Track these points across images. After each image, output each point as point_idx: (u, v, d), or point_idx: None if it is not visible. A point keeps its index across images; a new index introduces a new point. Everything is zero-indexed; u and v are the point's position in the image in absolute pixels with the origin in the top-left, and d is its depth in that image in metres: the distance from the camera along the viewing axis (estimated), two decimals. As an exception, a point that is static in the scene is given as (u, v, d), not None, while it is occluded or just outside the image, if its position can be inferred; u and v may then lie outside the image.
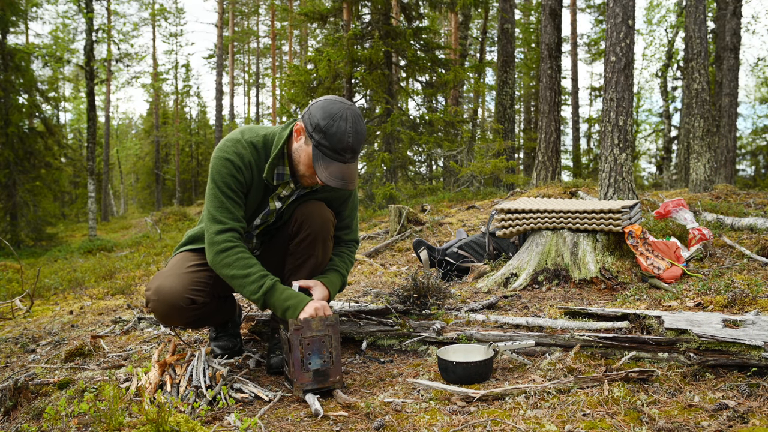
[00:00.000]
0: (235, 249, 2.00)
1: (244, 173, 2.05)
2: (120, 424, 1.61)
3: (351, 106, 1.97)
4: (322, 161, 1.94)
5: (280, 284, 2.01)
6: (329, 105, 1.95)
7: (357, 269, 4.90)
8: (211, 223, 2.03)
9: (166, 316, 2.10)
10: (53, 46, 19.59)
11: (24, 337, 3.32)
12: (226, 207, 2.02)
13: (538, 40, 20.93)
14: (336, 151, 1.93)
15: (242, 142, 2.07)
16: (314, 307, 1.97)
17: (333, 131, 1.91)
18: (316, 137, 1.93)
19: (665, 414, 1.62)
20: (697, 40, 7.46)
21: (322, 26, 12.71)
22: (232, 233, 2.01)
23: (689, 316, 2.15)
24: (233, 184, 2.03)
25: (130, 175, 38.38)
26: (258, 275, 1.98)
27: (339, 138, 1.91)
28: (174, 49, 33.17)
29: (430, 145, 10.87)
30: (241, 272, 1.98)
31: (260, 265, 2.03)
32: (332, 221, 2.23)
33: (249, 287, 1.98)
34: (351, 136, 1.93)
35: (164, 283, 2.07)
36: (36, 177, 15.02)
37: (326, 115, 1.92)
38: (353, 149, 1.95)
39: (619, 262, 3.21)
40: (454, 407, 1.78)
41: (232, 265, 1.99)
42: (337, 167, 1.95)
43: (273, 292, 1.98)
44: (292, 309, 1.96)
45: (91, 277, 6.57)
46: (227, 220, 2.02)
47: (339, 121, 1.91)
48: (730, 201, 5.87)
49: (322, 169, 1.94)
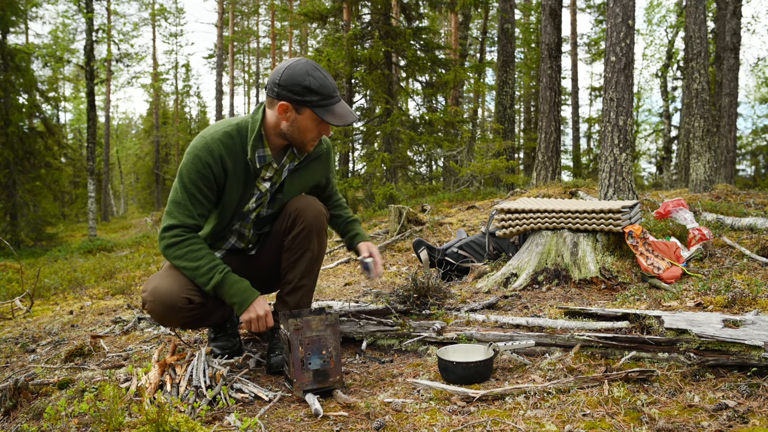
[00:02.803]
0: (185, 242, 2.07)
1: (213, 169, 2.09)
2: (120, 424, 1.61)
3: (303, 58, 2.10)
4: (326, 113, 2.06)
5: (230, 276, 2.08)
6: (293, 70, 2.04)
7: (357, 269, 4.90)
8: (165, 216, 2.12)
9: (163, 316, 2.11)
10: (53, 46, 19.60)
11: (24, 337, 3.32)
12: (183, 204, 2.08)
13: (538, 40, 20.91)
14: (329, 96, 2.05)
15: (213, 136, 2.11)
16: (256, 314, 2.07)
17: (318, 84, 2.03)
18: (309, 99, 2.03)
19: (665, 414, 1.62)
20: (697, 40, 7.46)
21: (322, 26, 12.71)
22: (181, 229, 2.08)
23: (689, 316, 2.15)
24: (199, 181, 2.08)
25: (130, 175, 38.38)
26: (207, 267, 2.06)
27: (325, 85, 2.04)
28: (174, 49, 33.17)
29: (430, 145, 10.86)
30: (191, 264, 2.06)
31: (210, 255, 2.09)
32: (325, 214, 2.28)
33: (199, 279, 2.06)
34: (328, 77, 2.07)
35: (160, 284, 2.09)
36: (36, 177, 15.02)
37: (303, 77, 2.02)
38: (336, 87, 2.09)
39: (619, 262, 3.21)
40: (454, 407, 1.78)
41: (183, 257, 2.06)
42: (338, 108, 2.08)
43: (222, 286, 2.06)
44: (237, 306, 2.08)
45: (91, 277, 6.57)
46: (180, 216, 2.08)
47: (314, 72, 2.04)
48: (730, 201, 5.87)
49: (330, 117, 2.06)
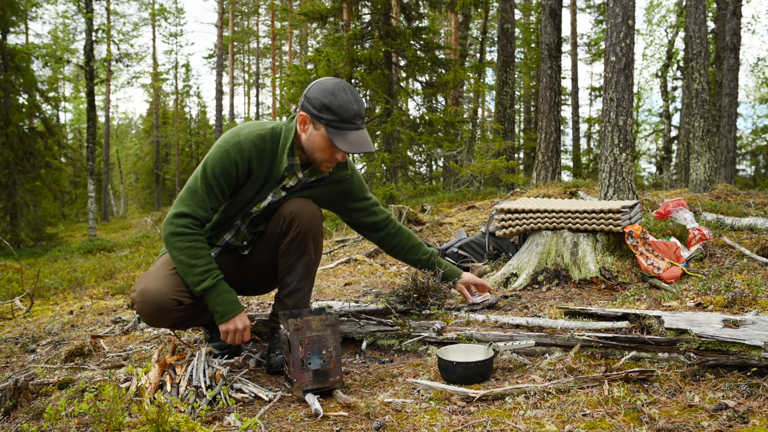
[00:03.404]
0: (191, 236, 2.04)
1: (239, 168, 2.08)
2: (120, 424, 1.61)
3: (341, 80, 2.06)
4: (338, 135, 2.01)
5: (221, 285, 2.06)
6: (323, 85, 2.02)
7: (357, 269, 4.90)
8: (178, 202, 2.08)
9: (152, 317, 2.09)
10: (53, 46, 19.60)
11: (24, 337, 3.32)
12: (200, 194, 2.05)
13: (538, 40, 20.92)
14: (347, 120, 2.01)
15: (247, 136, 2.10)
16: (235, 326, 2.07)
17: (338, 104, 1.99)
18: (325, 117, 2.00)
19: (665, 414, 1.62)
20: (697, 40, 7.46)
21: (322, 26, 12.70)
22: (191, 220, 2.05)
23: (689, 316, 2.15)
24: (221, 176, 2.06)
25: (130, 175, 38.38)
26: (202, 269, 2.03)
27: (346, 108, 2.00)
28: (174, 49, 33.22)
29: (430, 145, 10.85)
30: (188, 260, 2.03)
31: (209, 257, 2.06)
32: (321, 216, 2.27)
33: (190, 278, 2.03)
34: (354, 103, 2.02)
35: (150, 285, 2.06)
36: (36, 177, 15.02)
37: (325, 94, 2.00)
38: (360, 114, 2.04)
39: (619, 262, 3.21)
40: (454, 407, 1.78)
41: (183, 250, 2.03)
42: (353, 135, 2.03)
43: (211, 291, 2.04)
44: (218, 315, 2.06)
45: (91, 277, 6.57)
46: (193, 206, 2.05)
47: (340, 94, 2.00)
48: (730, 201, 5.87)
49: (340, 142, 2.01)
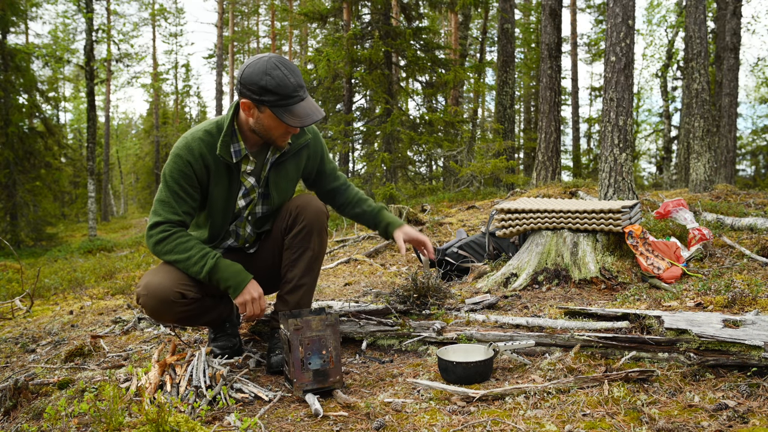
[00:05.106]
0: (172, 236, 2.10)
1: (194, 167, 2.11)
2: (120, 424, 1.61)
3: (270, 55, 2.03)
4: (285, 112, 2.00)
5: (222, 261, 2.10)
6: (254, 68, 2.00)
7: (357, 269, 4.90)
8: (151, 215, 2.14)
9: (156, 311, 2.12)
10: (53, 46, 19.60)
11: (24, 337, 3.32)
12: (167, 201, 2.11)
13: (538, 40, 20.92)
14: (289, 96, 2.00)
15: (193, 135, 2.13)
16: (251, 296, 2.10)
17: (275, 83, 1.97)
18: (266, 99, 1.99)
19: (665, 414, 1.62)
20: (697, 40, 7.45)
21: (322, 26, 12.71)
22: (167, 224, 2.11)
23: (689, 316, 2.15)
24: (181, 179, 2.11)
25: (130, 175, 38.39)
26: (198, 256, 2.08)
27: (285, 85, 1.97)
28: (174, 49, 33.17)
29: (430, 145, 10.85)
30: (182, 256, 2.09)
31: (200, 245, 2.12)
32: (326, 212, 2.29)
33: (192, 269, 2.08)
34: (291, 76, 1.99)
35: (153, 279, 2.11)
36: (36, 177, 15.02)
37: (261, 76, 1.97)
38: (300, 85, 2.02)
39: (619, 262, 3.21)
40: (454, 407, 1.78)
41: (173, 251, 2.09)
42: (300, 108, 2.02)
43: (215, 270, 2.08)
44: (232, 290, 2.10)
45: (91, 277, 6.57)
46: (165, 213, 2.10)
47: (274, 71, 1.97)
48: (730, 201, 5.87)
49: (289, 118, 2.00)
